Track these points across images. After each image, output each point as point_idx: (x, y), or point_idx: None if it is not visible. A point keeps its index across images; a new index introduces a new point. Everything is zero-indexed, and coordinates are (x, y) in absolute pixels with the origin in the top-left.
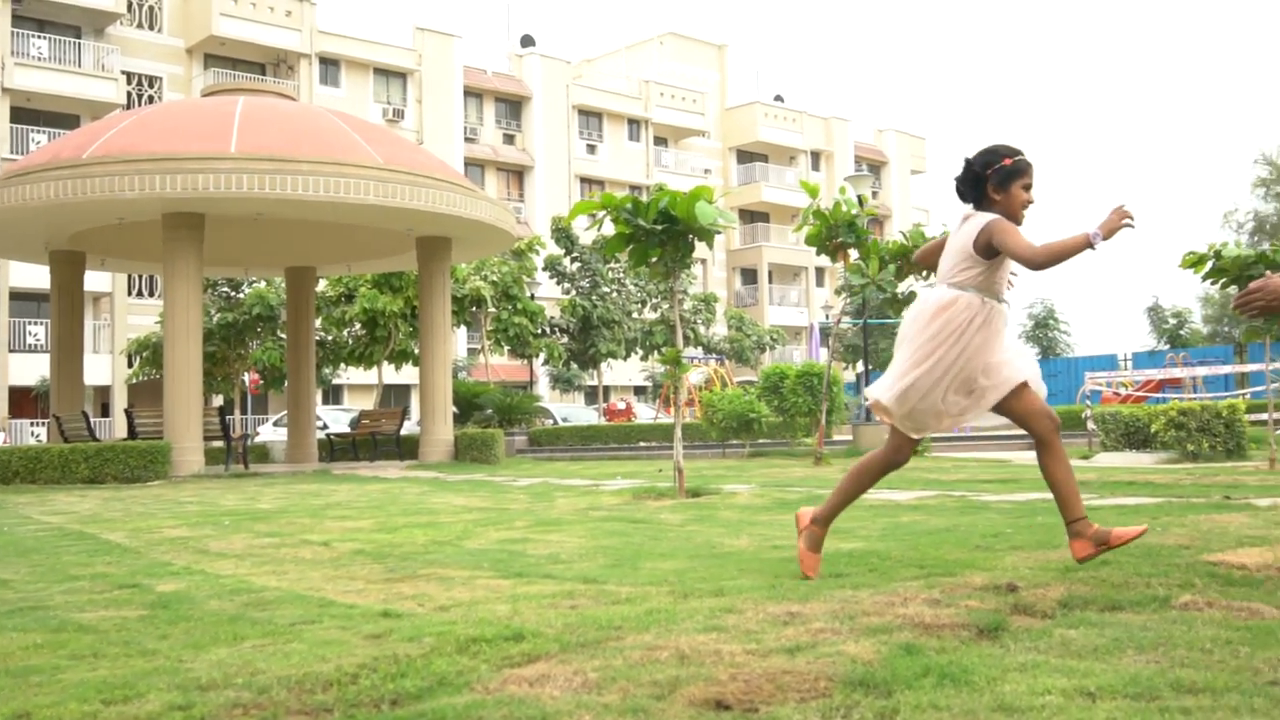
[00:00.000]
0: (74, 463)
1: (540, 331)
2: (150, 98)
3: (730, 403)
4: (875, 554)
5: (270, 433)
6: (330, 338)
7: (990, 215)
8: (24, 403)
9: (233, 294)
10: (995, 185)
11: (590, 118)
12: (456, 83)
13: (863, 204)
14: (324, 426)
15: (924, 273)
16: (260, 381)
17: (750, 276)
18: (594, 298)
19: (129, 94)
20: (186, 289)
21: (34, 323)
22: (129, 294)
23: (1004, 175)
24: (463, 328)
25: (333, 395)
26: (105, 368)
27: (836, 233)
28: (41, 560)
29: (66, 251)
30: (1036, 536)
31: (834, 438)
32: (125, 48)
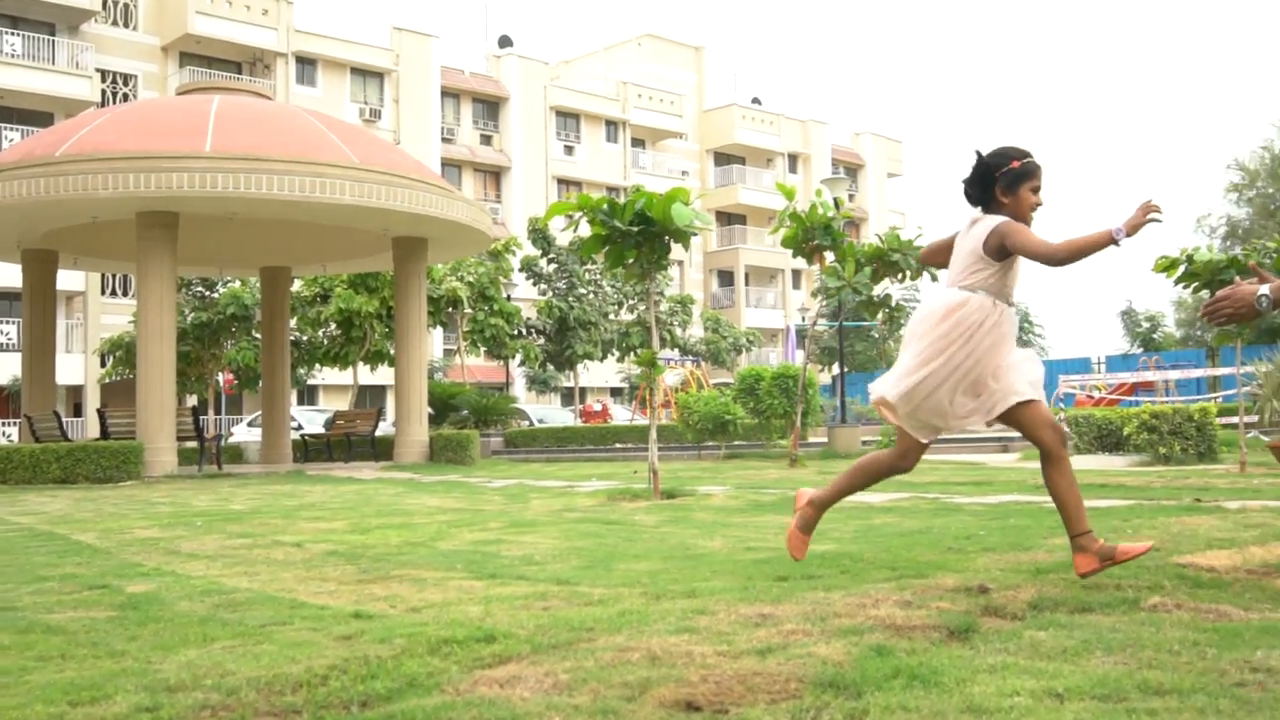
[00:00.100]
0: (45, 463)
1: (517, 333)
2: (125, 96)
3: (706, 404)
4: (848, 556)
5: (244, 433)
6: (305, 338)
7: (999, 217)
8: None
9: (207, 294)
10: (1004, 188)
11: (568, 119)
12: (434, 83)
13: (839, 206)
14: (299, 427)
15: (900, 275)
16: (235, 382)
17: (727, 278)
18: (570, 299)
19: (103, 92)
20: (160, 288)
21: (5, 321)
22: (102, 293)
23: (1013, 178)
24: (439, 328)
25: (308, 396)
26: (78, 367)
27: (813, 235)
28: (10, 561)
29: (39, 250)
30: (1009, 538)
31: (809, 440)
32: (100, 45)
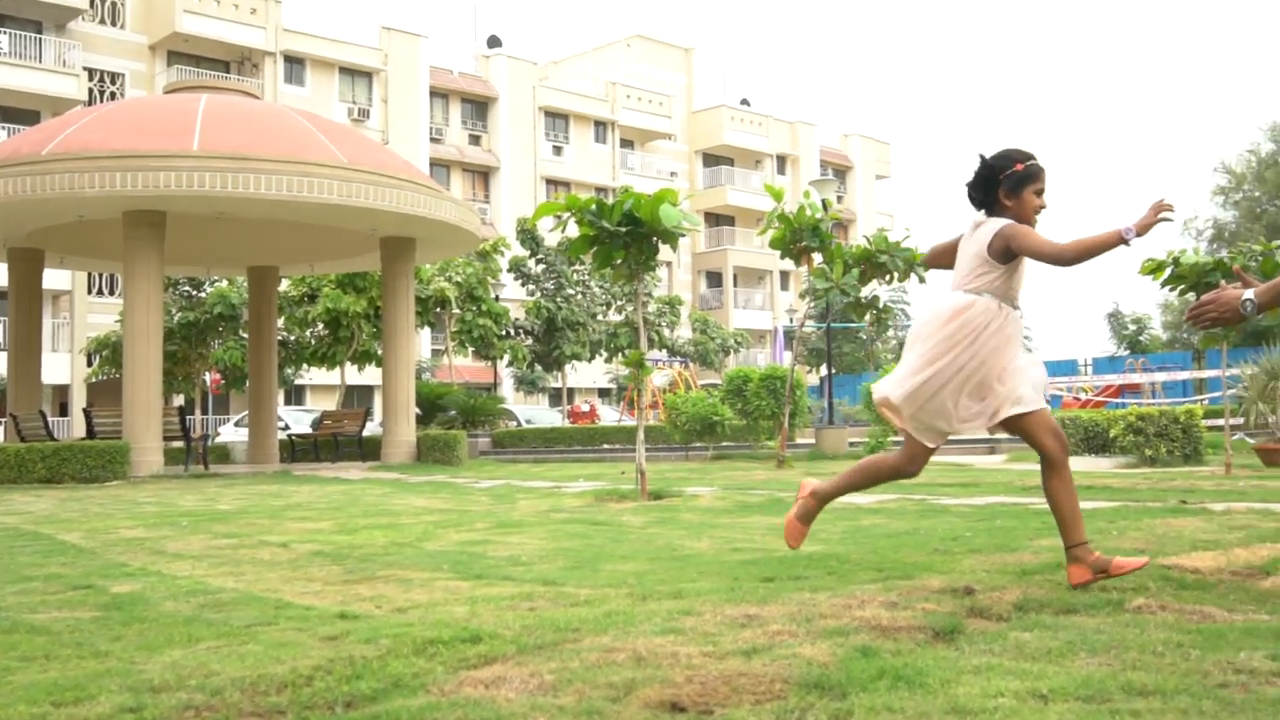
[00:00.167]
0: (31, 462)
1: (505, 333)
2: (112, 94)
3: (694, 405)
4: (835, 557)
5: (231, 433)
6: (293, 338)
7: (1003, 220)
8: None
9: (194, 293)
10: (1007, 190)
11: (556, 119)
12: (422, 83)
13: (827, 208)
14: (285, 427)
15: (888, 277)
16: (221, 381)
17: (715, 279)
18: (559, 299)
19: (91, 90)
20: (147, 287)
21: None
22: (89, 292)
23: (1016, 181)
24: (426, 329)
25: (295, 396)
26: (64, 367)
27: (801, 236)
28: None
29: (25, 249)
30: (995, 540)
31: (797, 441)
32: (87, 43)
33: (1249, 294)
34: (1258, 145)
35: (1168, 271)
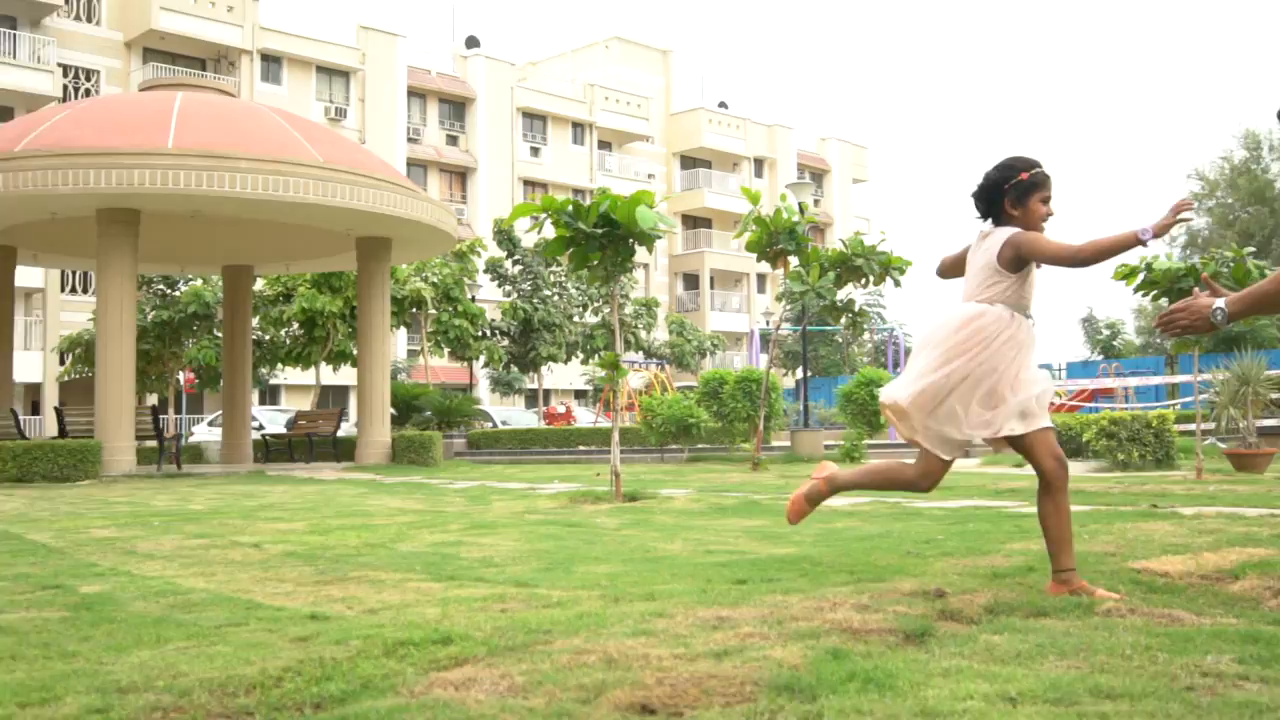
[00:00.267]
0: (1, 461)
1: (481, 334)
2: (87, 91)
3: (669, 407)
4: (807, 559)
5: (205, 433)
6: (268, 337)
7: (1011, 229)
8: None
9: (168, 292)
10: (1013, 200)
11: (534, 120)
12: (400, 83)
13: (803, 211)
14: (260, 427)
15: (864, 280)
16: (195, 381)
17: (692, 282)
18: (535, 301)
19: (65, 87)
20: (120, 286)
21: None
22: (62, 290)
23: (1022, 190)
24: (402, 329)
25: (270, 395)
26: (36, 365)
27: (777, 239)
28: None
29: None
30: (967, 543)
31: (772, 443)
32: (62, 40)
33: (1219, 303)
34: (1231, 152)
35: (1140, 277)
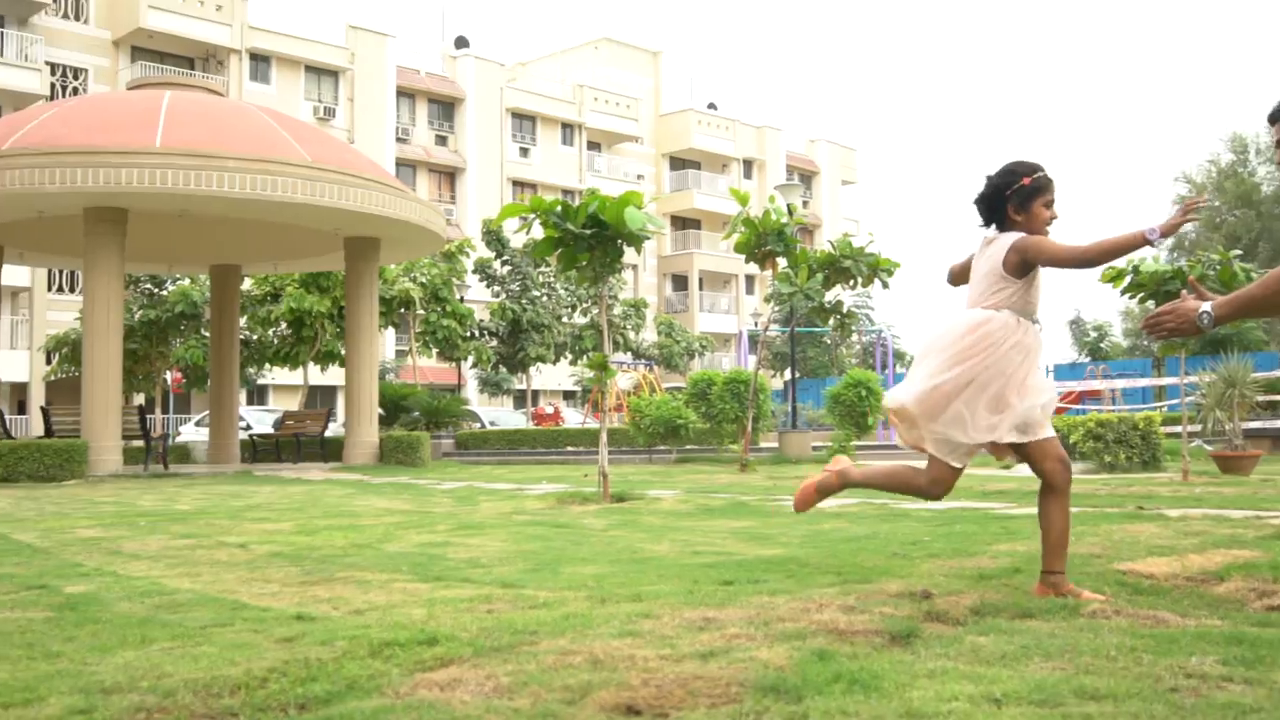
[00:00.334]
0: None
1: (469, 334)
2: (75, 90)
3: (658, 408)
4: (794, 560)
5: (192, 432)
6: (255, 337)
7: (1015, 234)
8: None
9: (156, 291)
10: (1016, 206)
11: (524, 121)
12: (389, 82)
13: (792, 213)
14: (247, 427)
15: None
16: (183, 380)
17: (681, 283)
18: (524, 301)
19: (53, 85)
20: (107, 285)
21: None
22: (49, 289)
23: (1025, 195)
24: (391, 329)
25: (257, 395)
26: (23, 364)
27: (765, 241)
28: None
29: None
30: (954, 544)
31: (760, 445)
32: (50, 38)
33: (1206, 307)
34: (1218, 156)
35: (1127, 279)
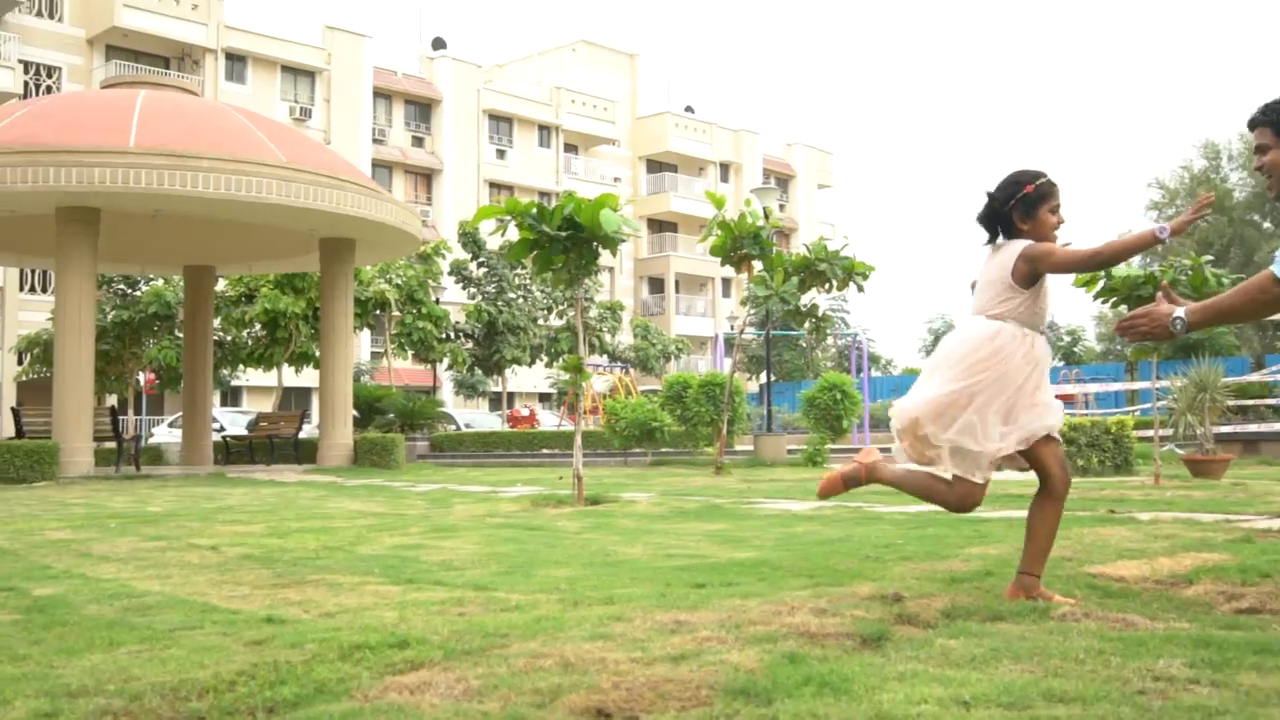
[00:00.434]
0: None
1: (445, 336)
2: (49, 88)
3: (633, 411)
4: (767, 563)
5: (165, 434)
6: (229, 338)
7: (1023, 242)
8: None
9: (129, 291)
10: (1022, 214)
11: (501, 123)
12: (366, 83)
13: (768, 216)
14: (221, 429)
15: (827, 285)
16: (156, 382)
17: (657, 286)
18: (500, 303)
19: (26, 84)
20: (79, 285)
21: None
22: (20, 289)
23: (1029, 203)
24: (366, 331)
25: (231, 397)
26: None
27: (741, 244)
28: None
29: None
30: (926, 548)
31: (735, 447)
32: (24, 36)
33: (1180, 312)
34: (1190, 162)
35: (1100, 284)
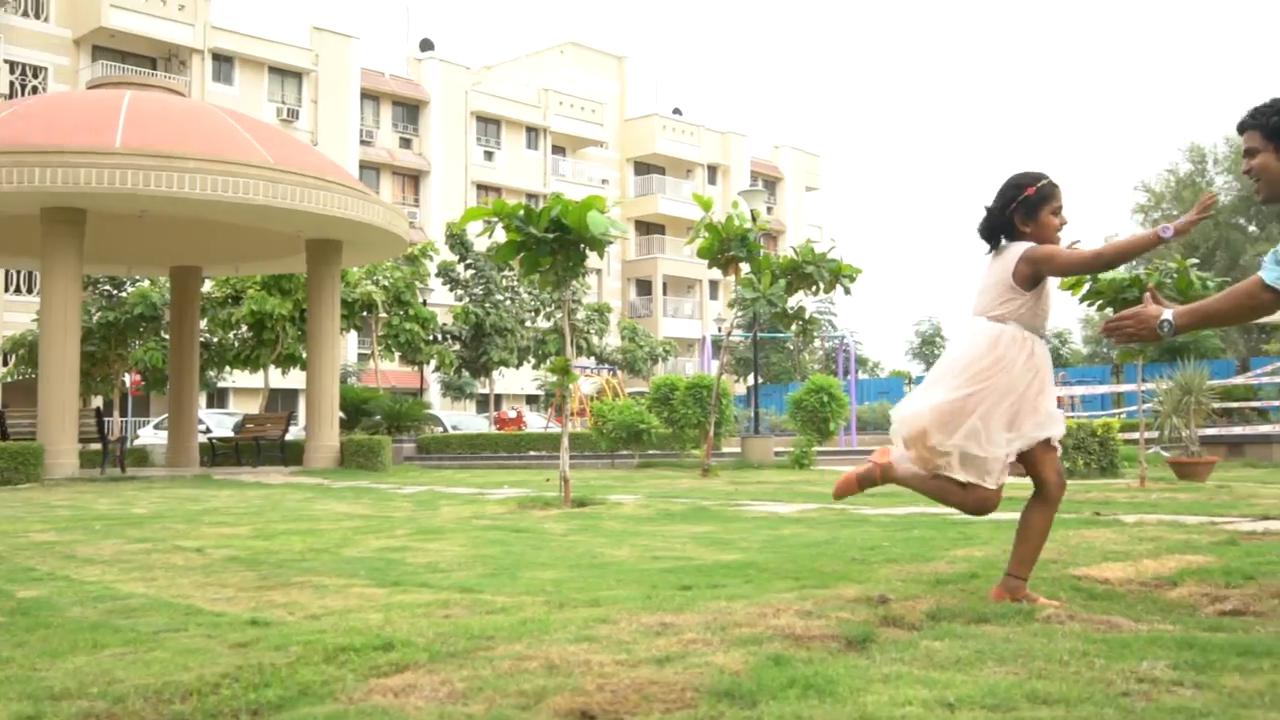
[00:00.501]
0: None
1: (432, 338)
2: (34, 89)
3: (620, 413)
4: (753, 565)
5: (151, 435)
6: (216, 339)
7: (1025, 244)
8: None
9: (115, 292)
10: (1023, 217)
11: (488, 124)
12: (353, 84)
13: (755, 218)
14: (207, 430)
15: (814, 288)
16: (141, 383)
17: (645, 288)
18: (487, 305)
19: (12, 84)
20: (65, 286)
21: None
22: (5, 290)
23: (1030, 206)
24: (353, 332)
25: (217, 399)
26: None
27: (728, 246)
28: None
29: None
30: (912, 550)
31: (722, 450)
32: (9, 36)
33: (1168, 315)
34: (1176, 165)
35: (1085, 287)
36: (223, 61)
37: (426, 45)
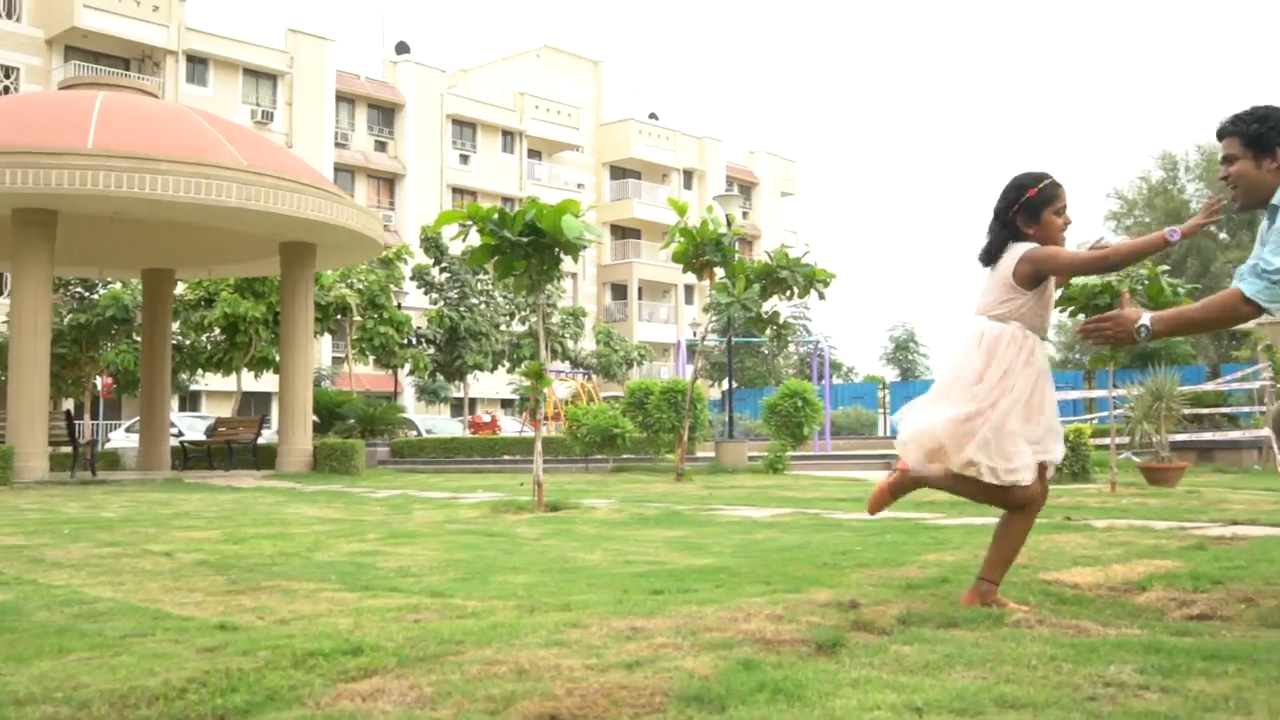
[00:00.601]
0: None
1: (406, 341)
2: (6, 89)
3: (594, 417)
4: (725, 570)
5: (122, 439)
6: (188, 342)
7: (1027, 244)
8: None
9: (86, 294)
10: (1026, 219)
11: (464, 128)
12: (328, 87)
13: (730, 223)
14: (179, 433)
15: (789, 293)
16: (113, 386)
17: (620, 292)
18: (462, 309)
19: None
20: (35, 288)
21: None
22: None
23: (1033, 207)
24: (327, 336)
25: (190, 402)
26: None
27: (703, 251)
28: None
29: None
30: (884, 554)
31: (696, 454)
32: None
33: (1146, 320)
34: (1149, 173)
35: (1059, 293)
36: (197, 63)
37: (402, 48)
